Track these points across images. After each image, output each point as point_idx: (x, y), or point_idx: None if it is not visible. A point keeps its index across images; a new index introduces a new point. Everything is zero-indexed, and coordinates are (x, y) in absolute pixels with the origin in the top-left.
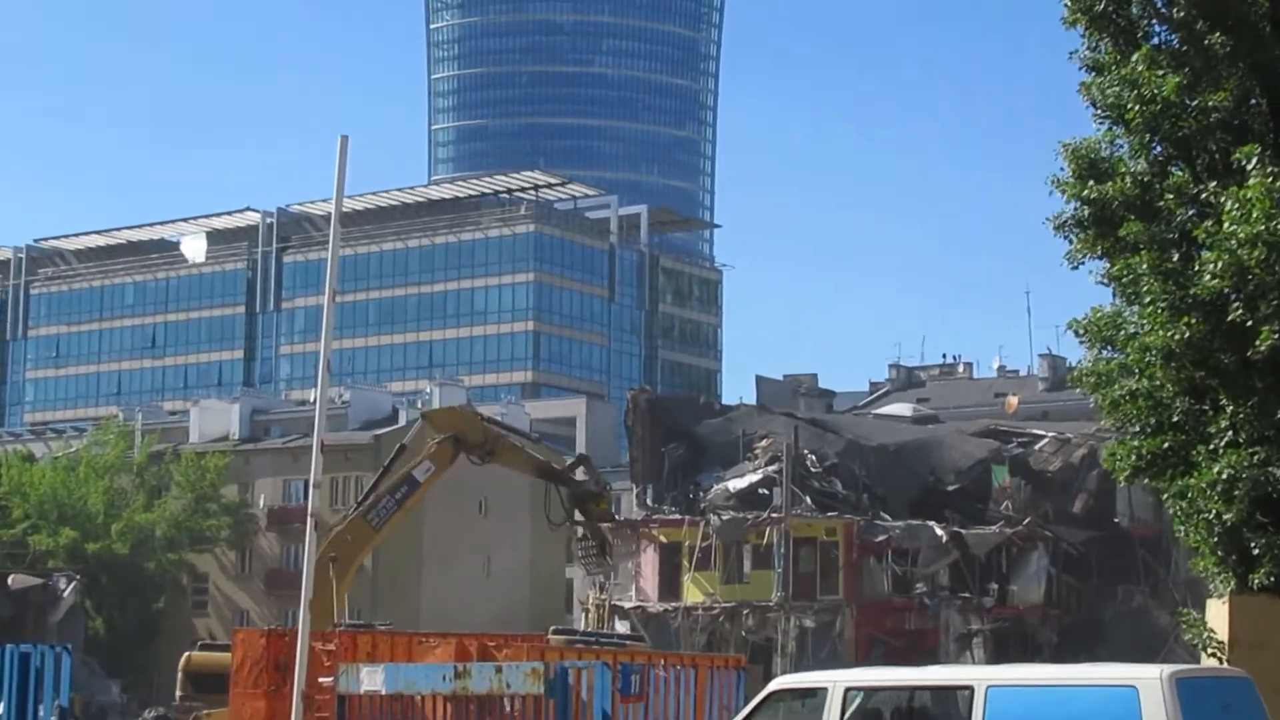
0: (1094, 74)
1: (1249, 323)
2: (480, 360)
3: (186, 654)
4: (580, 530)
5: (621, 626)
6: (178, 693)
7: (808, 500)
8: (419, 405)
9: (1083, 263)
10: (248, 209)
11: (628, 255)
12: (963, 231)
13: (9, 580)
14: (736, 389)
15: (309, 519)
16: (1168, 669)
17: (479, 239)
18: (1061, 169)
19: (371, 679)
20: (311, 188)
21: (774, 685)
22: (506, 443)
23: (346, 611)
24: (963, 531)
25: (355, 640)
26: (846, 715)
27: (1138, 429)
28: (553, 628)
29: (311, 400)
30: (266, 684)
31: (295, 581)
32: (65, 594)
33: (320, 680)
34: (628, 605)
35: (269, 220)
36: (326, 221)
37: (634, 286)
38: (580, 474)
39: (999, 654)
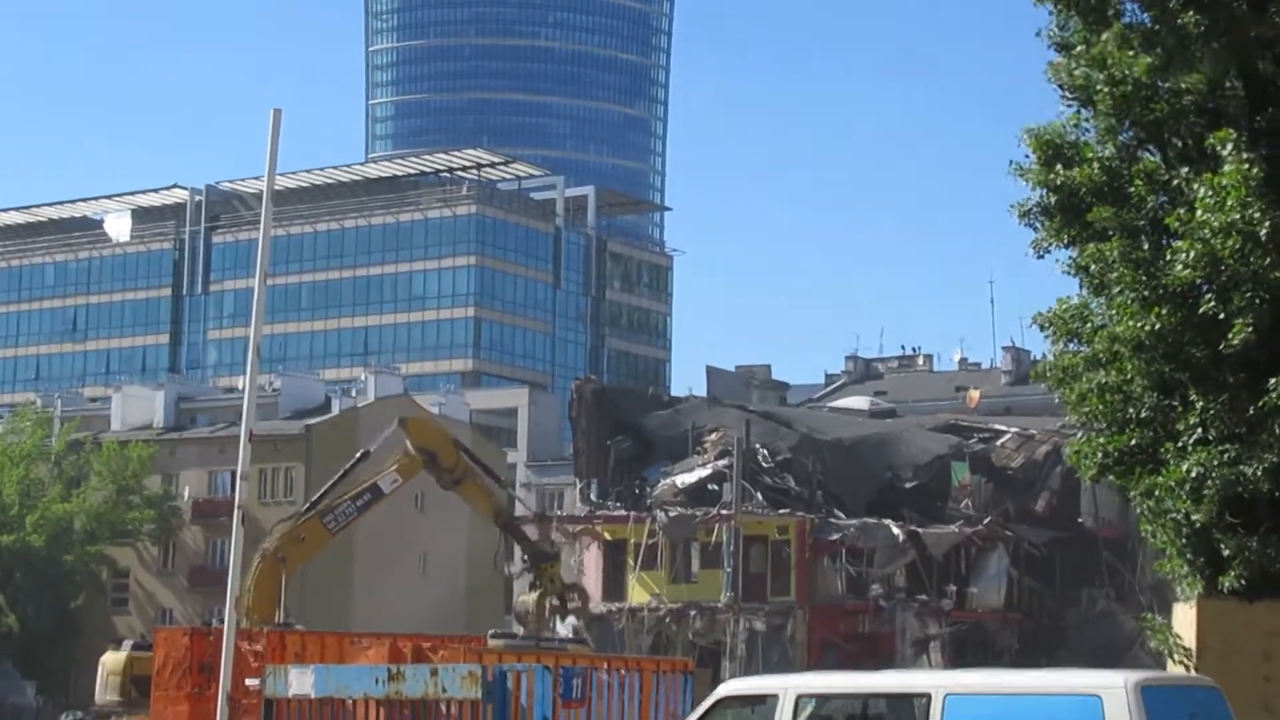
0: (1062, 53)
1: (1221, 315)
2: (418, 347)
3: (126, 654)
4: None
5: (563, 629)
6: (107, 695)
7: (759, 497)
8: (353, 394)
9: (1049, 251)
10: (175, 186)
11: (574, 239)
12: (924, 220)
13: None
14: (686, 380)
15: (236, 512)
16: (1133, 676)
17: (418, 220)
18: (1026, 155)
19: (301, 681)
20: (243, 165)
21: (722, 691)
22: (475, 478)
23: (284, 613)
24: (920, 531)
25: (284, 640)
26: None
27: (1104, 425)
28: (491, 631)
29: (240, 388)
30: (190, 686)
31: (221, 578)
32: None
33: (247, 683)
34: (570, 605)
35: (197, 198)
36: (258, 200)
37: (580, 272)
38: (535, 532)
39: (958, 659)
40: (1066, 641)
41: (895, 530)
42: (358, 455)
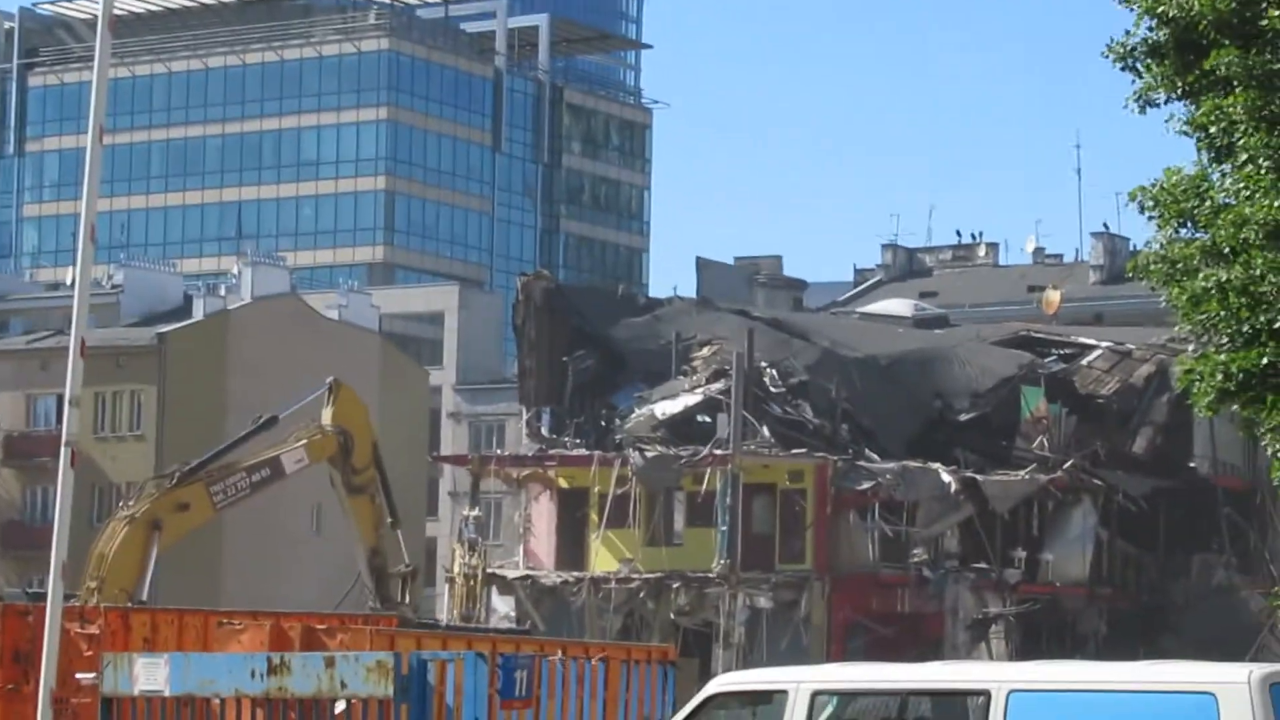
0: None
1: None
2: (310, 231)
3: None
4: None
5: (503, 605)
6: None
7: (765, 432)
8: (221, 292)
9: (1156, 105)
10: None
11: (520, 85)
12: (986, 62)
13: None
14: (669, 277)
15: (64, 450)
16: (1259, 670)
17: (309, 58)
18: None
19: (150, 675)
20: None
21: (714, 686)
22: (376, 496)
23: (147, 590)
24: (980, 478)
25: (128, 621)
26: None
27: (1227, 338)
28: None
29: (68, 283)
30: (1, 680)
31: (42, 538)
32: None
33: (77, 676)
34: (512, 575)
35: (8, 25)
36: (90, 29)
37: (528, 130)
38: (401, 587)
39: (1027, 647)
40: (1171, 625)
41: (946, 477)
42: (261, 419)
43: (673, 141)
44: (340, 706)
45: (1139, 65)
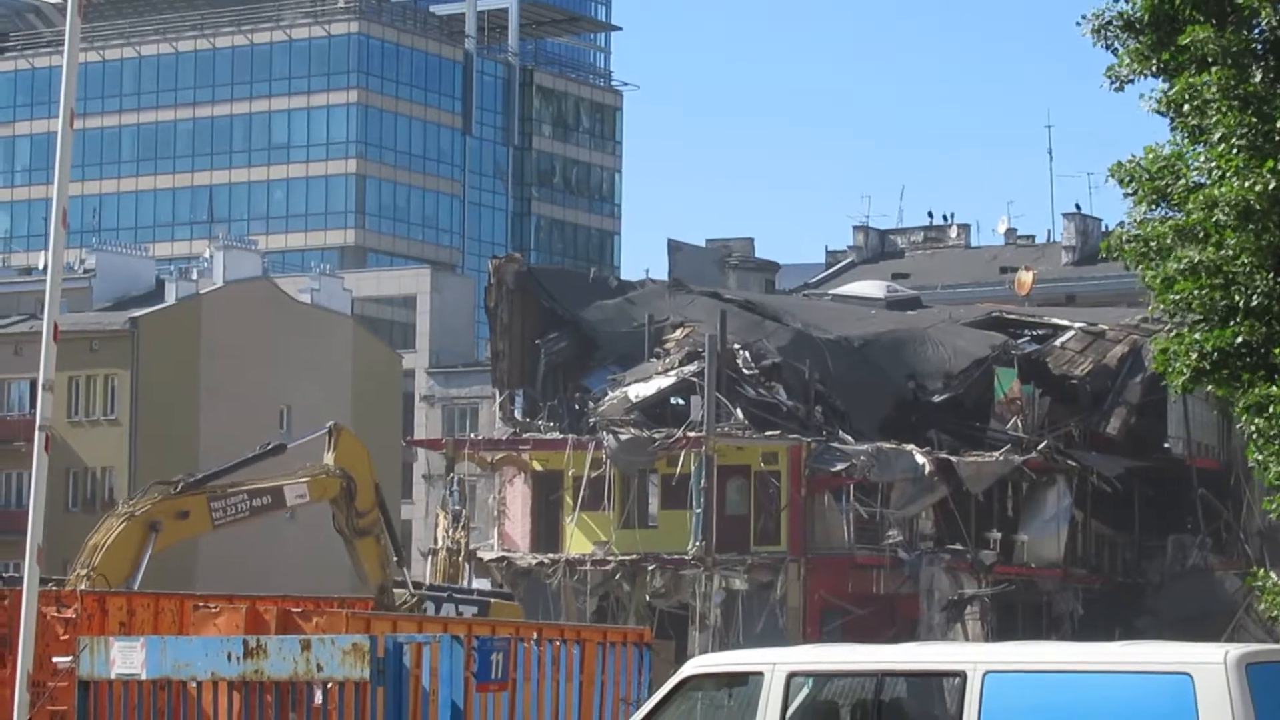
0: None
1: None
2: (281, 215)
3: None
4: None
5: (479, 586)
6: None
7: (739, 414)
8: (194, 276)
9: (1131, 82)
10: None
11: (490, 68)
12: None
13: None
14: (641, 259)
15: (38, 435)
16: (1235, 650)
17: (279, 42)
18: None
19: (127, 658)
20: None
21: (690, 668)
22: (381, 537)
23: (141, 574)
24: (954, 460)
25: (104, 605)
26: (790, 711)
27: (1201, 317)
28: (426, 585)
29: (40, 267)
30: None
31: (17, 522)
32: None
33: (54, 661)
34: (488, 557)
35: None
36: (60, 13)
37: (499, 113)
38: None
39: (1003, 628)
40: (1147, 605)
41: (920, 459)
42: (270, 445)
43: (643, 124)
44: (319, 698)
45: (1114, 43)
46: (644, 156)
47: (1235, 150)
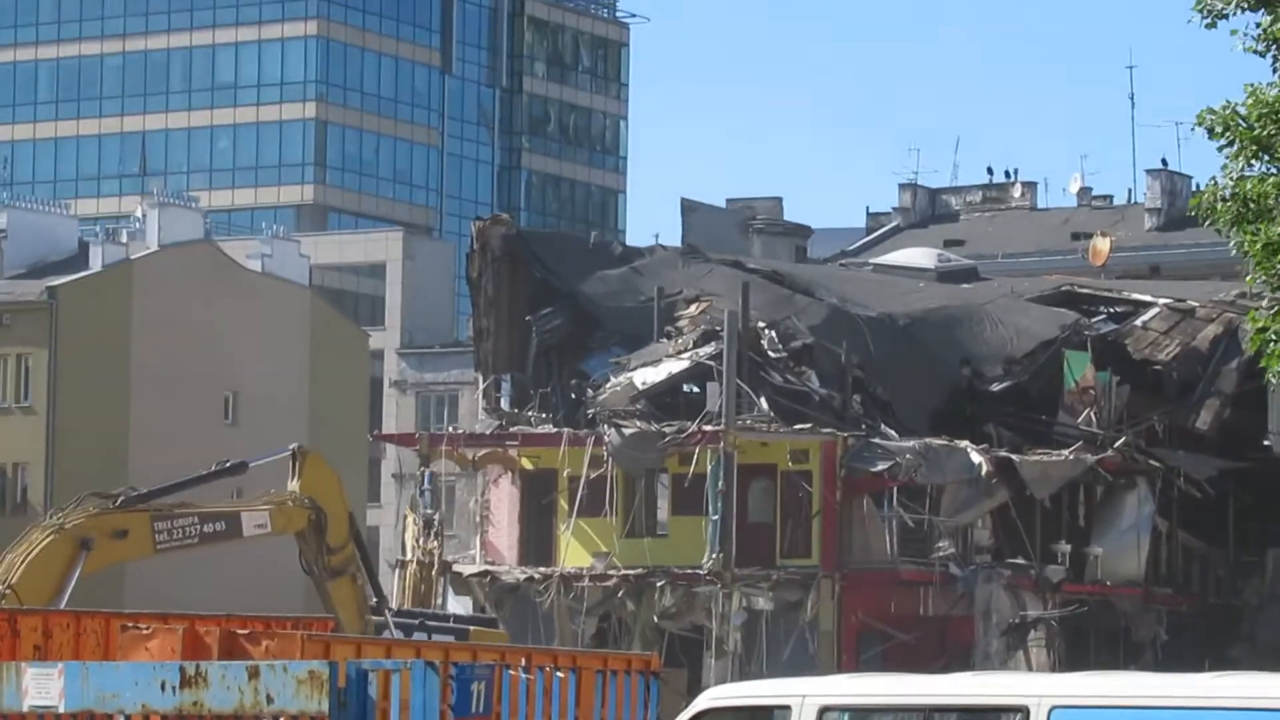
0: None
1: None
2: (227, 167)
3: None
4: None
5: (458, 607)
6: None
7: (763, 404)
8: (123, 238)
9: (1224, 16)
10: None
11: None
12: None
13: None
14: (650, 221)
15: None
16: None
17: None
18: None
19: (42, 688)
20: None
21: (705, 701)
22: (357, 574)
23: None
24: (1016, 459)
25: (15, 623)
26: None
27: None
28: (391, 610)
29: None
30: None
31: None
32: None
33: None
34: (469, 572)
35: None
36: None
37: (484, 49)
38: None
39: (1073, 657)
40: (1242, 631)
41: (976, 457)
42: (228, 463)
43: (653, 63)
44: None
45: None
46: (654, 101)
47: None
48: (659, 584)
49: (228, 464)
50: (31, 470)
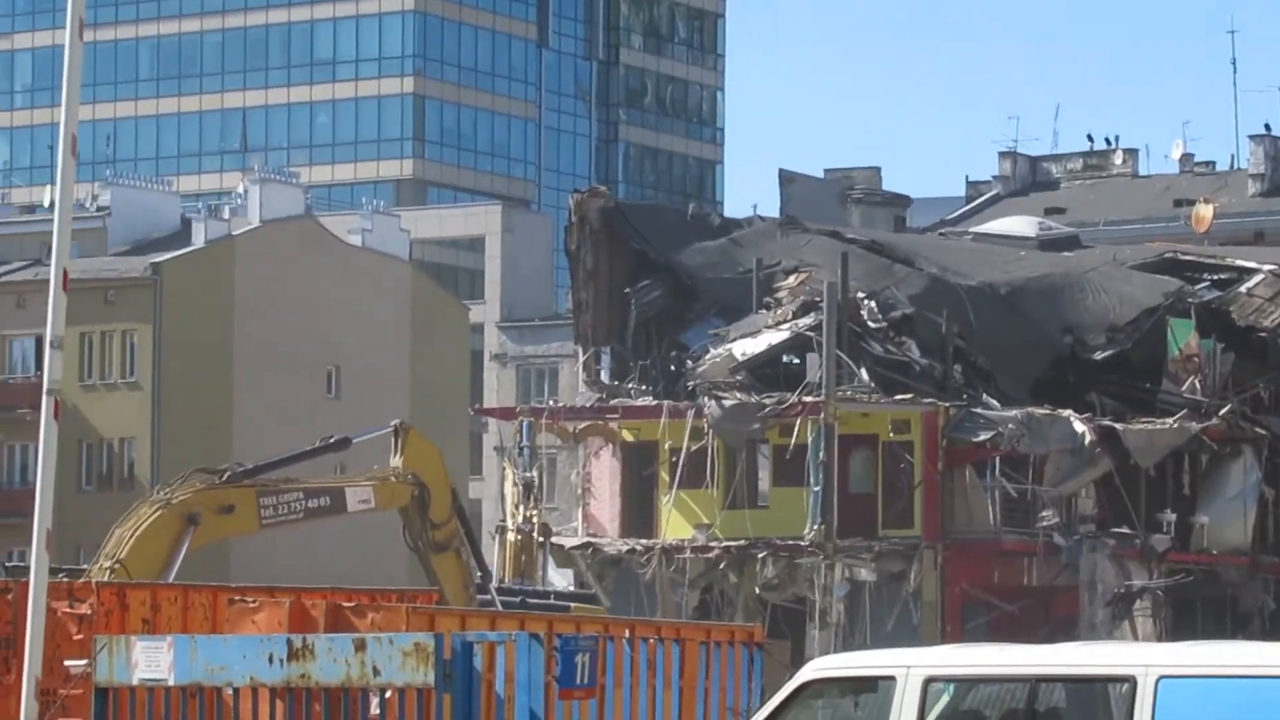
0: None
1: None
2: (327, 143)
3: None
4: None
5: (559, 579)
6: None
7: (863, 375)
8: (225, 215)
9: None
10: None
11: None
12: None
13: None
14: (748, 193)
15: (45, 400)
16: None
17: None
18: None
19: (152, 661)
20: None
21: (808, 672)
22: (461, 549)
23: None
24: (1120, 427)
25: (124, 598)
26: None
27: None
28: (495, 584)
29: (46, 205)
30: None
31: (21, 502)
32: None
33: (67, 664)
34: (570, 544)
35: None
36: None
37: (580, 21)
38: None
39: (1180, 626)
40: None
41: (1079, 426)
42: (332, 439)
43: (750, 33)
44: (375, 707)
45: None
46: (751, 72)
47: None
48: (760, 555)
49: (331, 440)
50: (138, 445)
